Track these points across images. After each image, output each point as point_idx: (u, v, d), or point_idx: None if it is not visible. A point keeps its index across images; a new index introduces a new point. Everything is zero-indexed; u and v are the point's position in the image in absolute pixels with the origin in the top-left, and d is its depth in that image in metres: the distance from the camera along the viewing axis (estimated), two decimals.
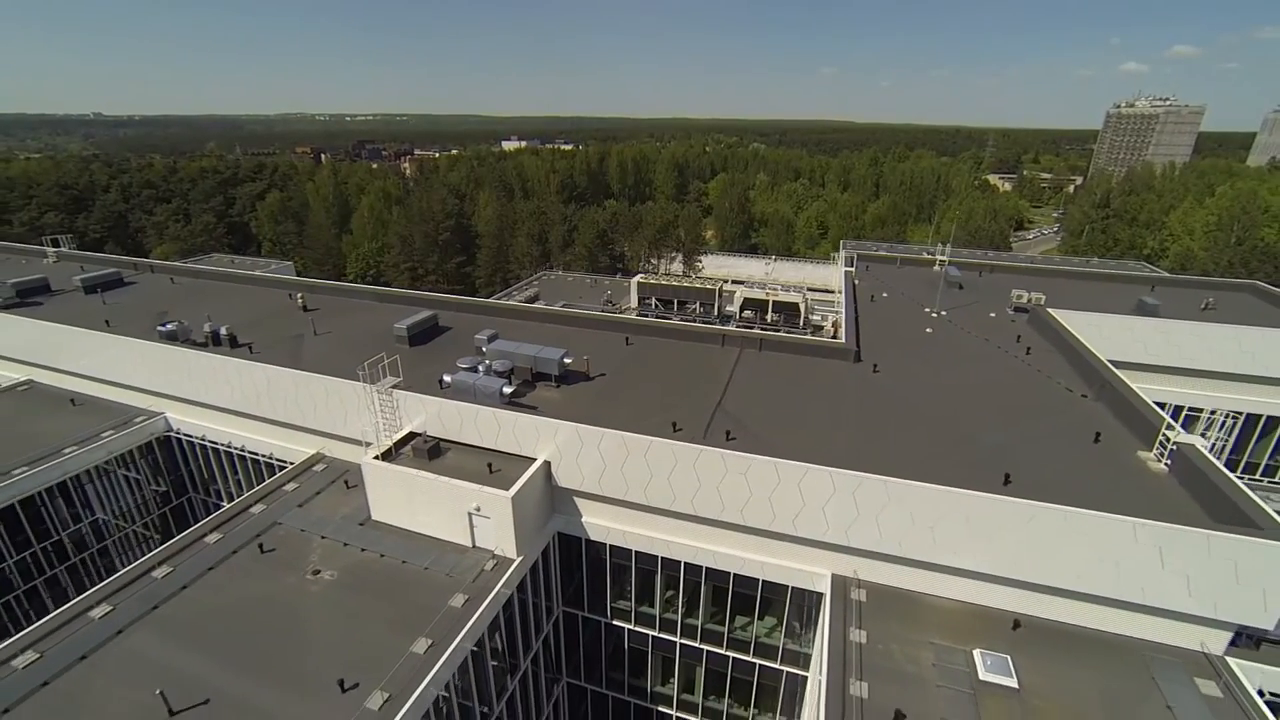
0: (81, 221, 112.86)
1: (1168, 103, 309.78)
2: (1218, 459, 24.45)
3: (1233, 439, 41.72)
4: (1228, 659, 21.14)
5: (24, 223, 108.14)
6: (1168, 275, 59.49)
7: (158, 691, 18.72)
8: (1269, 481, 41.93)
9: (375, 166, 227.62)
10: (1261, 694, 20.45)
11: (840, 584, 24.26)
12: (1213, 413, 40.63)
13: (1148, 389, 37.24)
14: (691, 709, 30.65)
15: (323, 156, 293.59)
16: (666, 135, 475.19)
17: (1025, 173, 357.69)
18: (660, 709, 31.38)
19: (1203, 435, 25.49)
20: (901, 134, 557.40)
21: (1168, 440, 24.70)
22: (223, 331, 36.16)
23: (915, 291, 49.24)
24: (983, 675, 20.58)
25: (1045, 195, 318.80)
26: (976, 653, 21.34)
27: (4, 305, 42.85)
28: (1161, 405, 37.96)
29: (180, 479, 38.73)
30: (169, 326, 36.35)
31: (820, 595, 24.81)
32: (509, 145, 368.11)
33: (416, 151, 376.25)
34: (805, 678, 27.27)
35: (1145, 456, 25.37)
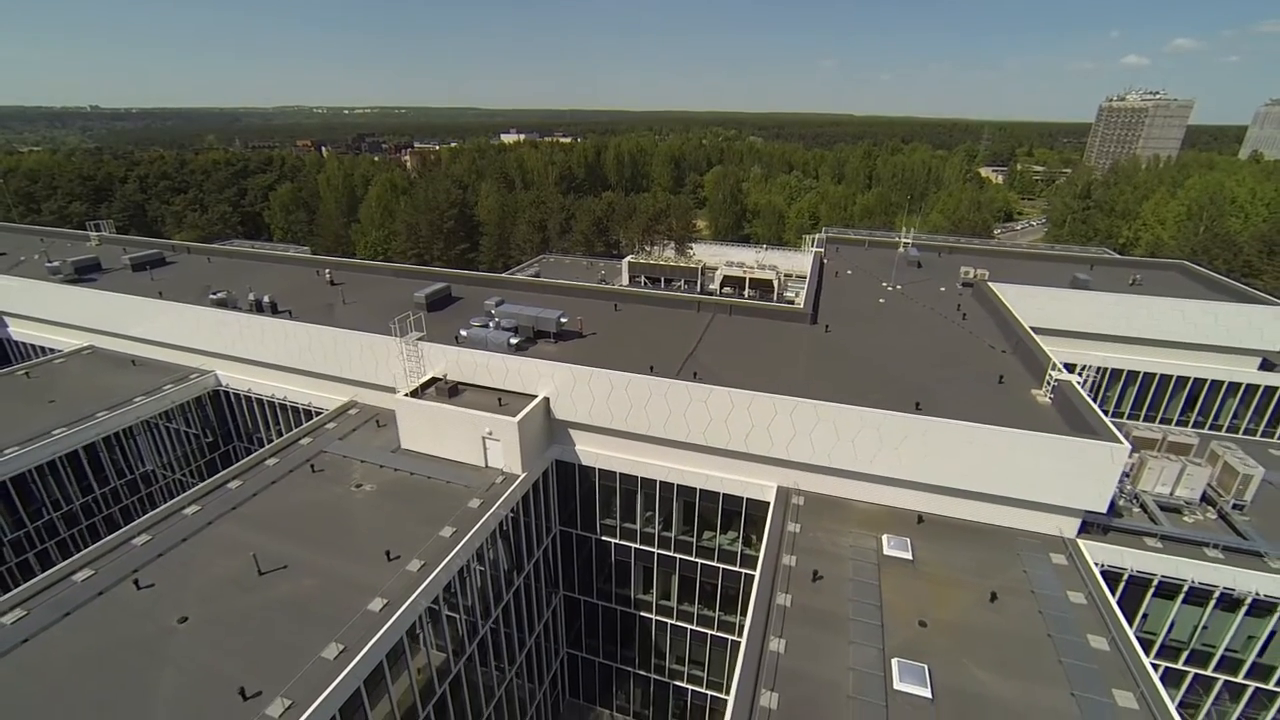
0: (104, 211, 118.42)
1: (1157, 96, 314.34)
2: (1089, 395, 30.11)
3: (1148, 395, 47.72)
4: (1078, 541, 27.03)
5: (52, 211, 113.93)
6: (1106, 255, 65.07)
7: (252, 554, 24.56)
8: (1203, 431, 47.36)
9: (377, 160, 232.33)
10: (1100, 565, 26.38)
11: (783, 493, 30.10)
12: (1104, 369, 46.63)
13: (1060, 349, 43.32)
14: (668, 612, 36.46)
15: (324, 150, 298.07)
16: (665, 129, 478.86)
17: (1018, 166, 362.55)
18: (642, 614, 37.21)
19: (1079, 375, 31.00)
20: (899, 127, 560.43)
21: (1051, 379, 30.49)
22: (265, 300, 41.85)
23: (878, 270, 54.86)
24: (886, 551, 26.46)
25: (1038, 188, 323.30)
26: (884, 536, 27.21)
27: (66, 281, 48.47)
28: (1070, 365, 43.91)
29: (227, 429, 44.45)
30: (219, 295, 42.08)
31: (768, 504, 30.53)
32: (508, 138, 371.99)
33: (416, 144, 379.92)
34: None
35: (1036, 392, 31.12)
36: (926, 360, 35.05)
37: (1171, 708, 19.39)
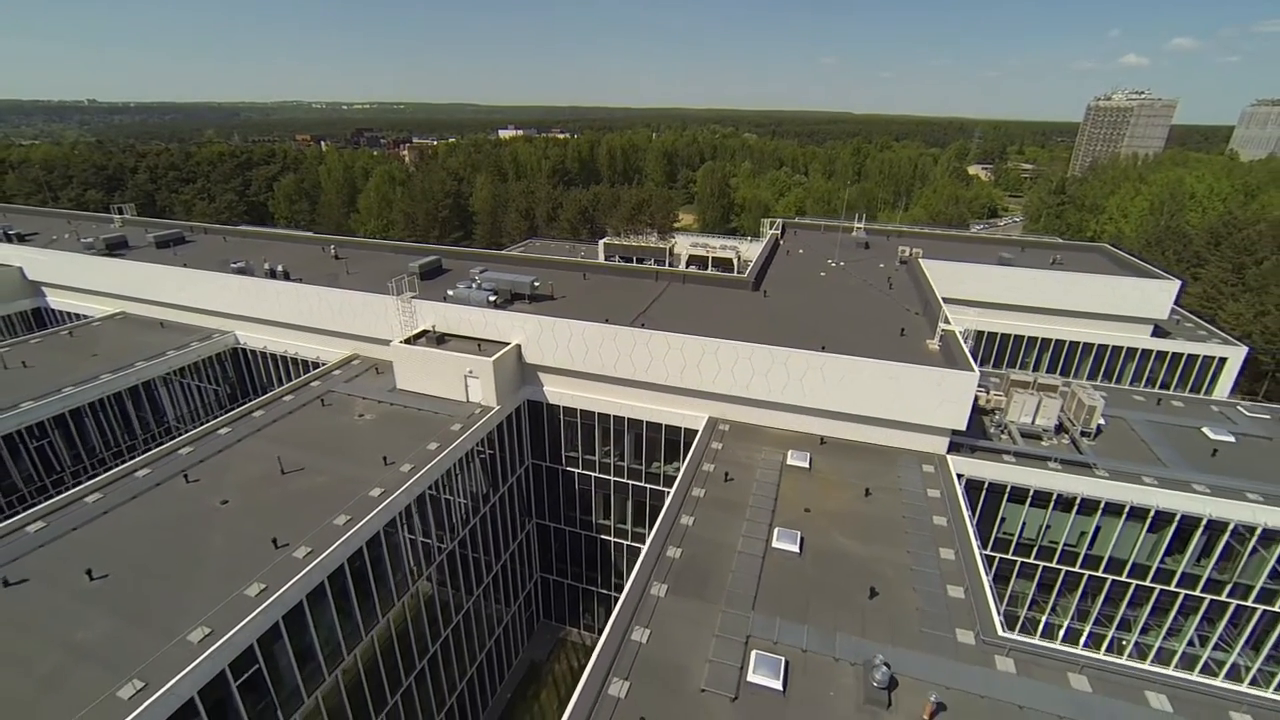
0: (116, 199, 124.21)
1: (1142, 96, 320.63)
2: (967, 344, 36.14)
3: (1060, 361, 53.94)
4: (946, 457, 33.25)
5: (70, 198, 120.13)
6: (1038, 239, 71.29)
7: (276, 456, 30.74)
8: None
9: (376, 154, 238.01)
10: (964, 476, 32.60)
11: (711, 422, 36.32)
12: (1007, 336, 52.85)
13: (984, 319, 49.49)
14: (624, 535, 42.66)
15: (323, 144, 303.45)
16: (664, 125, 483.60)
17: (1009, 164, 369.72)
18: (603, 538, 43.42)
19: (961, 329, 37.03)
20: (897, 125, 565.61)
21: (940, 331, 36.66)
22: (279, 269, 47.89)
23: (827, 250, 60.94)
24: (789, 461, 32.69)
25: (1026, 185, 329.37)
26: (789, 451, 33.41)
27: (99, 254, 54.45)
28: (974, 329, 49.85)
29: (244, 384, 50.50)
30: (239, 264, 48.14)
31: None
32: (506, 134, 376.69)
33: (414, 139, 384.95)
34: None
35: (929, 342, 37.19)
36: (846, 318, 41.19)
37: (978, 557, 25.66)
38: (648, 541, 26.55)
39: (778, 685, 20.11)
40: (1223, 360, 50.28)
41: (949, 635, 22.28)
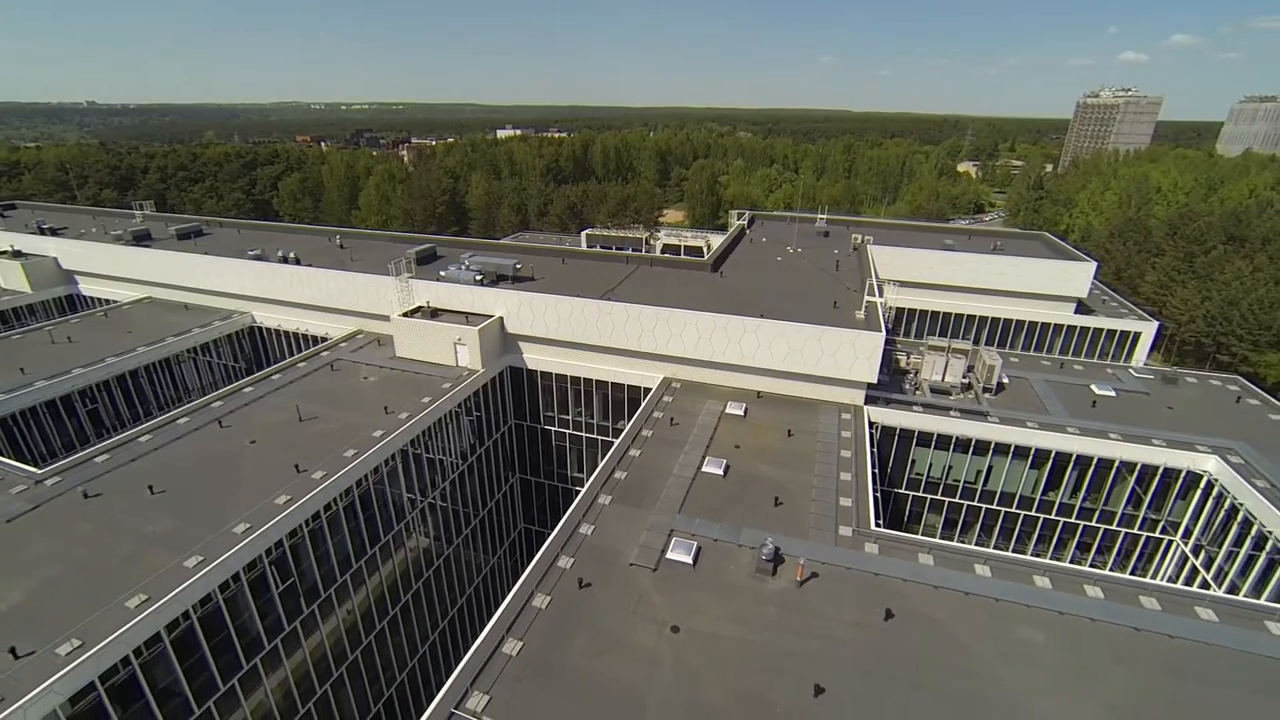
0: (129, 197, 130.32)
1: (1129, 93, 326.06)
2: (886, 314, 41.97)
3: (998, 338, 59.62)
4: (863, 407, 39.07)
5: (87, 197, 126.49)
6: (977, 227, 77.05)
7: (295, 405, 36.64)
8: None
9: (375, 154, 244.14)
10: (878, 424, 38.45)
11: (665, 381, 42.19)
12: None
13: (928, 299, 55.25)
14: None
15: (324, 145, 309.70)
16: (660, 125, 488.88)
17: (1000, 161, 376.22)
18: (578, 489, 49.08)
19: (881, 301, 42.84)
20: (893, 123, 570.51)
21: (864, 303, 42.47)
22: (291, 255, 53.77)
23: (789, 238, 66.74)
24: (728, 411, 38.53)
25: (1013, 181, 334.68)
26: (728, 403, 39.26)
27: (127, 245, 60.34)
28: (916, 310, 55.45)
29: (260, 359, 56.37)
30: (255, 252, 54.02)
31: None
32: (504, 134, 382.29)
33: (413, 140, 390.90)
34: None
35: (857, 312, 43.01)
36: (791, 294, 46.93)
37: (869, 478, 31.48)
38: (599, 466, 32.44)
39: (689, 560, 25.99)
40: (1137, 334, 55.98)
41: (832, 530, 28.13)
